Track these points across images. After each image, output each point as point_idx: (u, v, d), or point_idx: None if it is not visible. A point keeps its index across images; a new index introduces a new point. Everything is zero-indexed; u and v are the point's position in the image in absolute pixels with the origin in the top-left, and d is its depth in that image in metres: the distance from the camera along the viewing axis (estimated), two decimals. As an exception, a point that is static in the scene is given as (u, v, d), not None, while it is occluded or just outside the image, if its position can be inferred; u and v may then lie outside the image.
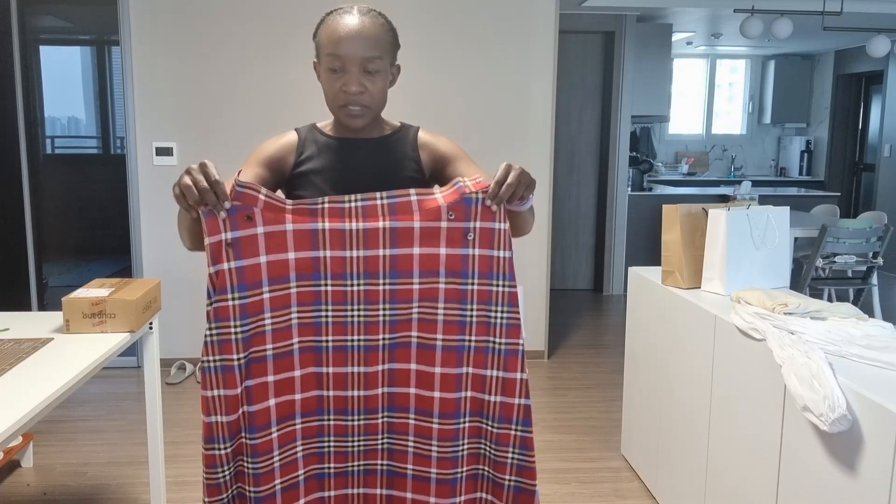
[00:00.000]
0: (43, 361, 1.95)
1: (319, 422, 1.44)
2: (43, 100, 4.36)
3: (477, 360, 1.43)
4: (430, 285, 1.40)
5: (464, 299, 1.40)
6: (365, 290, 1.39)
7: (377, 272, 1.38)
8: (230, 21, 4.23)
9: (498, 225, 1.39)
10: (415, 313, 1.41)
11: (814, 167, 8.68)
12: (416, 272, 1.39)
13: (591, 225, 6.68)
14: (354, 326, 1.40)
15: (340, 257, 1.38)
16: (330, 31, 1.49)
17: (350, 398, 1.43)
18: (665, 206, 2.68)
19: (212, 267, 1.32)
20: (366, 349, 1.41)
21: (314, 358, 1.41)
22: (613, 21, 6.26)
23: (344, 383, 1.42)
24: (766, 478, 2.01)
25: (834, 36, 7.13)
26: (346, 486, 1.48)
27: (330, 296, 1.39)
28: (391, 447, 1.46)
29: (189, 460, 3.20)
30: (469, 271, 1.40)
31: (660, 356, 2.78)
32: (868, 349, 1.83)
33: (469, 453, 1.48)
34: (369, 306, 1.39)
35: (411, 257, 1.38)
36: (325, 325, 1.40)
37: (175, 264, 4.37)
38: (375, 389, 1.42)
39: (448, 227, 1.38)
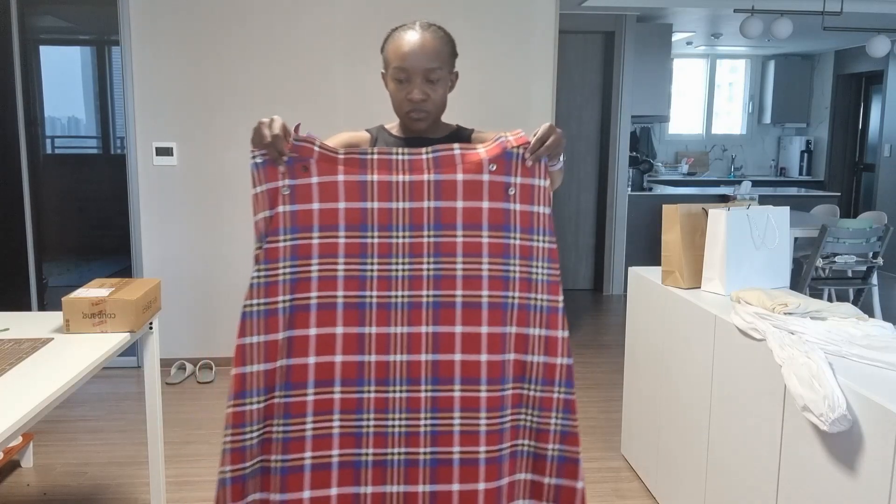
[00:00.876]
0: (43, 361, 1.95)
1: (359, 394, 1.40)
2: (43, 100, 4.36)
3: (520, 318, 1.41)
4: (474, 239, 1.40)
5: (507, 254, 1.41)
6: (410, 243, 1.40)
7: (422, 224, 1.40)
8: (230, 21, 4.23)
9: (538, 181, 1.42)
10: (459, 269, 1.40)
11: (814, 167, 8.67)
12: (459, 225, 1.41)
13: (591, 225, 6.68)
14: (399, 281, 1.40)
15: (387, 209, 1.40)
16: (395, 46, 1.65)
17: (392, 364, 1.40)
18: (665, 206, 2.68)
19: (266, 212, 1.37)
20: (410, 306, 1.40)
21: (358, 316, 1.40)
22: (613, 21, 6.26)
23: (387, 346, 1.40)
24: (766, 478, 2.01)
25: (834, 36, 7.13)
26: (384, 482, 1.42)
27: (376, 248, 1.40)
28: (435, 430, 1.42)
29: (189, 460, 3.20)
30: (511, 225, 1.41)
31: (660, 356, 2.78)
32: (868, 349, 1.83)
33: (511, 426, 1.44)
34: (414, 259, 1.40)
35: (454, 210, 1.40)
36: (371, 279, 1.40)
37: (175, 264, 4.37)
38: (419, 355, 1.40)
39: (490, 181, 1.40)
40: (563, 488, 1.45)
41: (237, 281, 4.42)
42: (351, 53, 4.32)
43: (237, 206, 4.36)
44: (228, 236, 4.39)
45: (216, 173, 4.33)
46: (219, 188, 4.34)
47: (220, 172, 4.33)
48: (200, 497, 2.88)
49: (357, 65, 4.33)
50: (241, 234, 4.39)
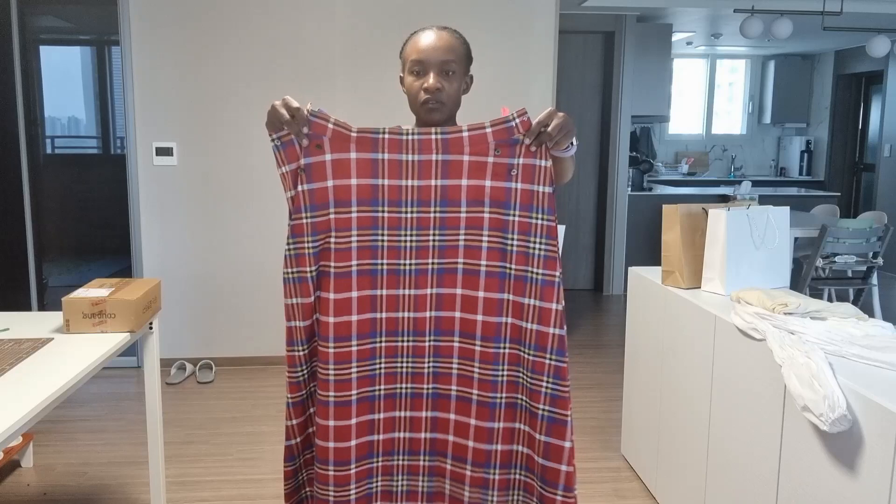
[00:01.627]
0: (43, 361, 1.95)
1: (372, 344, 1.57)
2: (43, 100, 4.36)
3: (516, 288, 1.54)
4: (476, 214, 1.52)
5: (505, 229, 1.52)
6: (417, 217, 1.53)
7: (429, 200, 1.53)
8: (230, 21, 4.23)
9: (539, 162, 1.51)
10: (461, 240, 1.54)
11: (814, 167, 8.67)
12: (463, 201, 1.52)
13: (591, 225, 6.68)
14: (407, 251, 1.54)
15: (396, 186, 1.52)
16: (413, 44, 1.71)
17: (400, 319, 1.57)
18: (665, 206, 2.68)
19: (290, 191, 1.51)
20: (416, 272, 1.55)
21: (370, 281, 1.55)
22: (613, 21, 6.26)
23: (396, 305, 1.56)
24: (766, 478, 2.01)
25: (834, 36, 7.13)
26: (394, 409, 1.61)
27: (386, 221, 1.53)
28: (436, 370, 1.59)
29: (189, 460, 3.20)
30: (511, 202, 1.52)
31: (660, 356, 2.78)
32: (868, 349, 1.83)
33: (508, 380, 1.59)
34: (421, 232, 1.53)
35: (460, 188, 1.52)
36: (381, 248, 1.54)
37: (175, 264, 4.37)
38: (424, 312, 1.56)
39: (494, 162, 1.51)
40: (551, 446, 1.58)
41: (237, 281, 4.42)
42: (351, 54, 4.32)
43: (237, 205, 4.36)
44: (228, 236, 4.39)
45: (216, 173, 4.33)
46: (219, 188, 4.34)
47: (220, 172, 4.33)
48: (200, 497, 2.88)
49: (357, 65, 4.33)
50: (241, 234, 4.39)
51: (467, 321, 1.56)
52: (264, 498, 2.88)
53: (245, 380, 4.24)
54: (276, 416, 3.69)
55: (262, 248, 4.40)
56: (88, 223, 4.54)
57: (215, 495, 2.90)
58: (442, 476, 1.64)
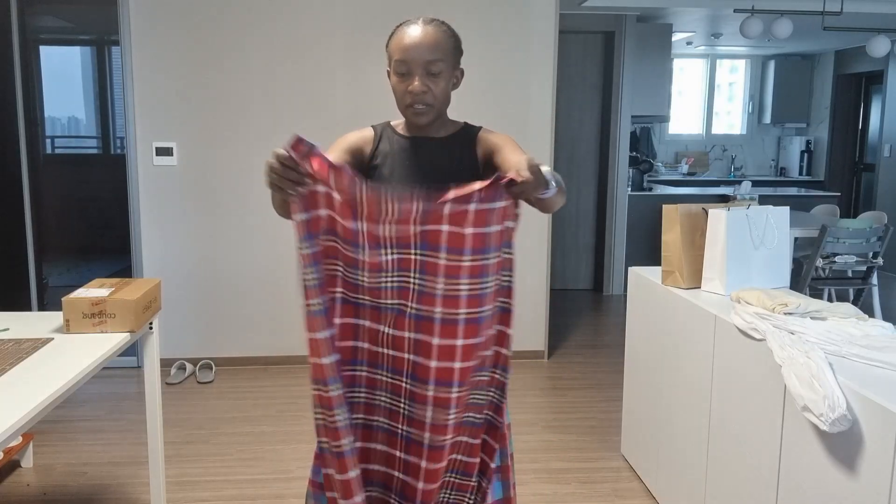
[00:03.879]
0: (43, 361, 1.95)
1: (352, 371, 1.57)
2: (43, 100, 4.36)
3: (501, 319, 1.55)
4: (455, 262, 1.46)
5: (485, 273, 1.47)
6: (398, 259, 1.48)
7: (409, 244, 1.47)
8: (230, 21, 4.23)
9: (504, 203, 1.44)
10: (439, 289, 1.47)
11: (814, 167, 8.67)
12: (443, 247, 1.45)
13: (591, 225, 6.67)
14: (388, 291, 1.50)
15: (375, 233, 1.47)
16: (397, 41, 1.64)
17: (381, 354, 1.55)
18: (665, 206, 2.68)
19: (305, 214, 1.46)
20: (397, 312, 1.51)
21: (353, 310, 1.54)
22: (613, 21, 6.26)
23: (376, 339, 1.54)
24: (766, 478, 2.01)
25: (834, 36, 7.13)
26: (370, 440, 1.61)
27: (367, 265, 1.49)
28: (411, 414, 1.56)
29: (189, 460, 3.20)
30: (490, 247, 1.46)
31: (660, 356, 2.78)
32: (868, 349, 1.83)
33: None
34: (402, 272, 1.48)
35: (439, 233, 1.45)
36: (363, 287, 1.52)
37: (175, 264, 4.37)
38: (402, 353, 1.52)
39: (476, 210, 1.43)
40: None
41: (237, 281, 4.42)
42: (351, 53, 4.32)
43: (237, 206, 4.37)
44: (228, 236, 4.39)
45: (216, 173, 4.33)
46: (219, 188, 4.34)
47: (220, 172, 4.33)
48: (200, 497, 2.88)
49: (357, 64, 4.33)
50: (241, 234, 4.39)
51: (444, 370, 1.50)
52: (264, 498, 2.88)
53: (245, 380, 4.24)
54: (276, 416, 3.69)
55: (262, 248, 4.40)
56: (88, 223, 4.54)
57: (215, 495, 2.90)
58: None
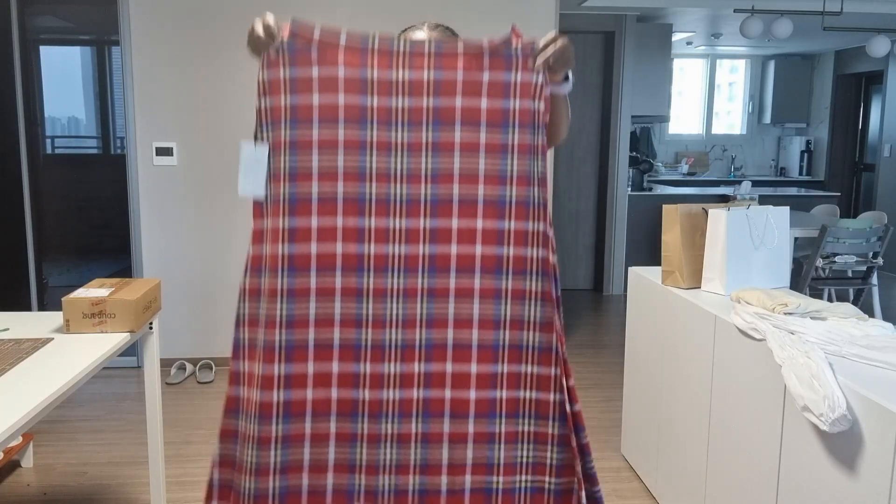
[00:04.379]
0: (43, 361, 1.95)
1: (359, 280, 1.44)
2: (43, 100, 4.36)
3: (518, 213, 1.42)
4: (472, 139, 1.38)
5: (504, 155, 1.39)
6: (410, 142, 1.39)
7: (421, 122, 1.39)
8: (230, 21, 4.23)
9: (533, 77, 1.37)
10: (457, 166, 1.39)
11: (814, 167, 8.67)
12: (457, 127, 1.38)
13: (591, 225, 6.67)
14: (399, 177, 1.40)
15: (386, 107, 1.39)
16: None
17: (390, 255, 1.43)
18: (665, 206, 2.68)
19: (264, 100, 1.41)
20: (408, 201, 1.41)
21: (358, 208, 1.41)
22: (613, 21, 6.26)
23: (385, 237, 1.42)
24: (766, 478, 2.01)
25: (834, 36, 7.13)
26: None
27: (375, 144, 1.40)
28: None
29: (189, 460, 3.20)
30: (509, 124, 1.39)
31: (660, 356, 2.78)
32: (868, 349, 1.83)
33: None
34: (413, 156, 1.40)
35: (453, 110, 1.39)
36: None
37: (175, 264, 4.37)
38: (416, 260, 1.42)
39: (489, 82, 1.37)
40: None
41: (237, 281, 4.42)
42: (351, 53, 4.31)
43: (237, 205, 4.37)
44: (228, 236, 4.39)
45: (216, 173, 4.33)
46: (219, 188, 4.34)
47: (220, 172, 4.33)
48: (200, 497, 2.88)
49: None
50: (241, 234, 4.39)
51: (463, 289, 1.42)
52: (264, 498, 2.88)
53: (245, 380, 4.24)
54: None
55: (262, 248, 4.40)
56: (88, 223, 4.54)
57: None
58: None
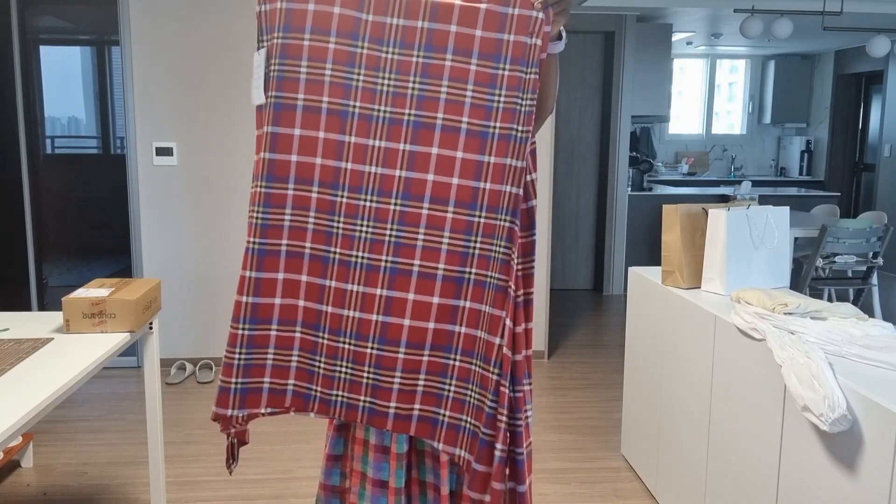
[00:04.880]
0: (43, 361, 1.95)
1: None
2: (43, 100, 4.36)
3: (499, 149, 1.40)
4: (462, 63, 1.37)
5: (493, 84, 1.38)
6: (398, 59, 1.38)
7: (413, 42, 1.38)
8: (230, 21, 4.23)
9: (532, 12, 1.36)
10: (444, 92, 1.38)
11: (814, 167, 8.67)
12: (449, 48, 1.37)
13: (591, 225, 6.67)
14: (383, 96, 1.39)
15: (380, 22, 1.38)
16: None
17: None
18: (665, 206, 2.68)
19: (263, 5, 1.41)
20: (391, 122, 1.39)
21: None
22: (613, 21, 6.26)
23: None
24: (766, 478, 2.01)
25: (834, 36, 7.13)
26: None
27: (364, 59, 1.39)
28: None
29: (189, 460, 3.20)
30: (502, 55, 1.38)
31: (660, 356, 2.78)
32: (868, 349, 1.83)
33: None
34: (401, 76, 1.39)
35: (447, 33, 1.38)
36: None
37: (175, 264, 4.37)
38: (394, 168, 1.40)
39: (487, 9, 1.36)
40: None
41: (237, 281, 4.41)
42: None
43: (237, 205, 4.36)
44: (228, 236, 4.39)
45: (216, 173, 4.33)
46: (219, 188, 4.34)
47: (220, 172, 4.33)
48: (200, 497, 2.88)
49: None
50: (241, 234, 4.39)
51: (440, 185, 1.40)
52: (264, 498, 2.88)
53: (245, 380, 4.24)
54: (276, 416, 3.69)
55: (262, 248, 4.40)
56: (88, 223, 4.54)
57: (215, 495, 2.90)
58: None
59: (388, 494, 1.56)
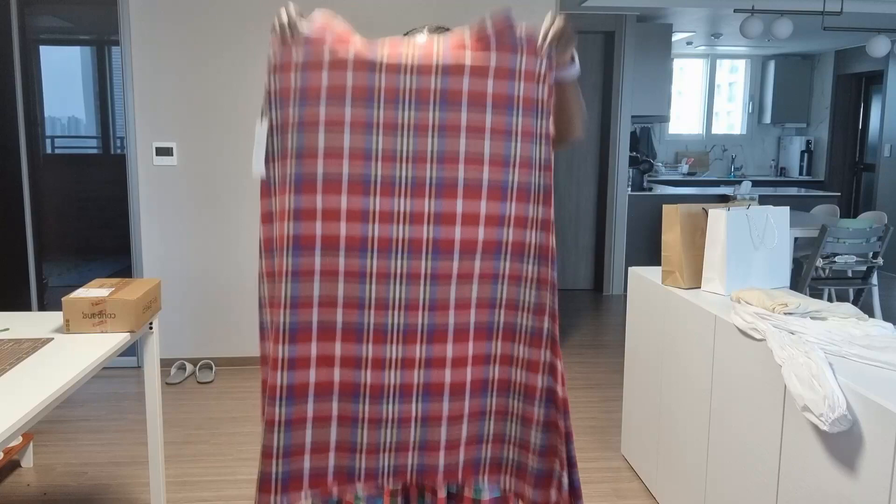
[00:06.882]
0: (43, 361, 1.95)
1: (363, 258, 1.42)
2: (43, 100, 4.36)
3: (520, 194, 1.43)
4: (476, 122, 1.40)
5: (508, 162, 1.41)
6: (416, 124, 1.40)
7: (428, 103, 1.40)
8: (230, 21, 4.23)
9: (539, 61, 1.42)
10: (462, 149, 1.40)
11: (814, 167, 8.67)
12: (463, 108, 1.40)
13: (591, 225, 6.67)
14: (405, 154, 1.41)
15: (394, 87, 1.39)
16: None
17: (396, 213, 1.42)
18: (665, 206, 2.68)
19: (274, 77, 1.40)
20: (413, 182, 1.40)
21: (363, 188, 1.40)
22: (613, 21, 6.26)
23: (390, 189, 1.41)
24: (766, 478, 2.01)
25: (834, 36, 7.13)
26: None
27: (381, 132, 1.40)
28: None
29: (189, 460, 3.20)
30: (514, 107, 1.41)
31: (660, 356, 2.78)
32: (868, 349, 1.83)
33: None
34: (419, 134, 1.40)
35: (460, 92, 1.40)
36: (377, 152, 1.40)
37: (175, 264, 4.37)
38: (421, 225, 1.42)
39: (495, 67, 1.41)
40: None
41: (237, 281, 4.42)
42: (351, 53, 4.31)
43: (237, 205, 4.37)
44: (228, 236, 4.39)
45: (216, 173, 4.33)
46: (219, 188, 4.34)
47: (220, 172, 4.33)
48: (200, 497, 2.88)
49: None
50: (241, 234, 4.39)
51: (467, 241, 1.43)
52: (264, 498, 2.88)
53: (245, 380, 4.24)
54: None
55: (262, 248, 4.40)
56: (88, 223, 4.54)
57: (215, 495, 2.90)
58: None
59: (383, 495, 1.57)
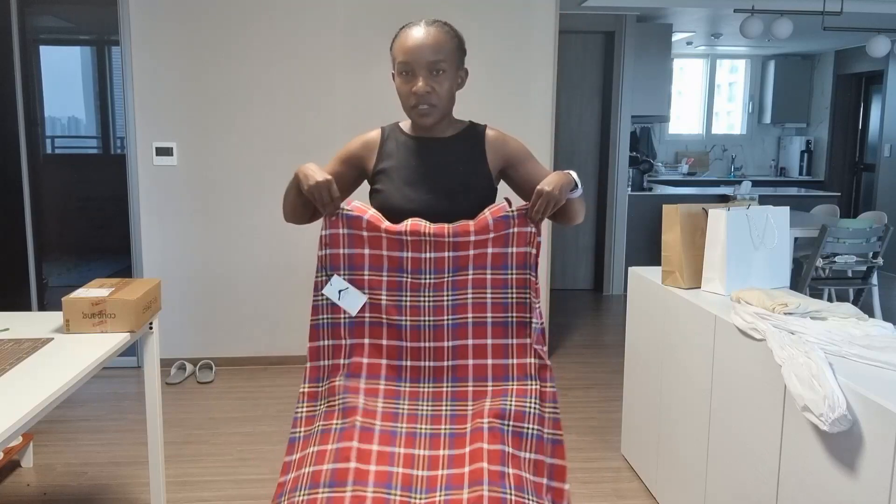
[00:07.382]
0: (43, 361, 1.95)
1: (398, 387, 1.76)
2: (43, 100, 4.36)
3: (518, 332, 1.79)
4: (480, 275, 1.76)
5: (506, 286, 1.77)
6: (434, 282, 1.74)
7: (443, 269, 1.75)
8: (230, 21, 4.23)
9: (528, 228, 1.75)
10: (469, 298, 1.76)
11: (814, 167, 8.67)
12: (470, 267, 1.75)
13: (591, 225, 6.67)
14: (427, 309, 1.76)
15: (417, 258, 1.74)
16: (400, 42, 1.68)
17: (423, 368, 1.76)
18: (665, 206, 2.68)
19: (326, 250, 1.76)
20: (434, 327, 1.75)
21: (397, 333, 1.76)
22: (613, 21, 6.26)
23: (418, 355, 1.76)
24: (766, 478, 2.01)
25: (834, 36, 7.13)
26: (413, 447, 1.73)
27: (409, 285, 1.75)
28: (454, 413, 1.75)
29: (189, 460, 3.20)
30: (509, 264, 1.76)
31: (660, 356, 2.78)
32: (868, 349, 1.83)
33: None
34: (437, 293, 1.75)
35: (468, 256, 1.75)
36: (405, 306, 1.75)
37: (175, 264, 4.37)
38: (442, 361, 1.75)
39: (493, 237, 1.74)
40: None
41: (237, 281, 4.42)
42: (351, 54, 4.32)
43: (237, 205, 4.37)
44: (228, 236, 4.39)
45: (216, 173, 4.33)
46: (219, 188, 4.34)
47: (220, 172, 4.33)
48: (200, 497, 2.88)
49: (356, 64, 4.33)
50: (240, 234, 4.39)
51: (479, 366, 1.76)
52: (264, 498, 2.88)
53: (245, 380, 4.24)
54: (277, 416, 3.70)
55: (262, 248, 4.40)
56: (88, 223, 4.54)
57: (215, 495, 2.90)
58: None
59: None
